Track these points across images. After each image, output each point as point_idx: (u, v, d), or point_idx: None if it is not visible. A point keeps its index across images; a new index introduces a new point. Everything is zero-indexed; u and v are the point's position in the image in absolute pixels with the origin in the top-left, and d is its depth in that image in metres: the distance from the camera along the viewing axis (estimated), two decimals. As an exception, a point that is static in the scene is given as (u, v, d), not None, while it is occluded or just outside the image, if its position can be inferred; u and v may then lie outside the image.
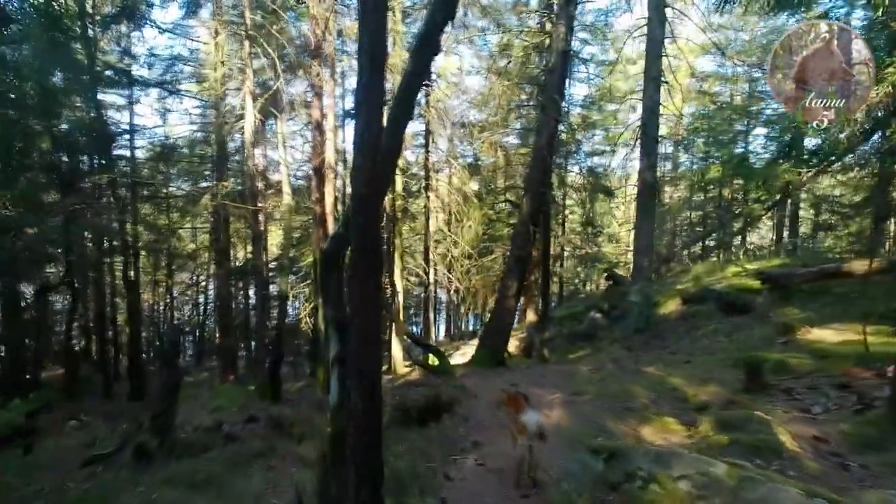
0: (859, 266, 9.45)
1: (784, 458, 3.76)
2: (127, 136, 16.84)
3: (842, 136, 14.16)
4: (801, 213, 21.67)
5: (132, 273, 16.92)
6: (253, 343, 19.50)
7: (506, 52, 15.54)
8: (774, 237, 17.53)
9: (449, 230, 21.28)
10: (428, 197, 18.69)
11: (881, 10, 9.99)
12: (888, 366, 5.27)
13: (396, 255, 15.41)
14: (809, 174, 13.70)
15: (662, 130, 20.01)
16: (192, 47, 18.06)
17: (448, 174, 22.96)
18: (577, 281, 33.34)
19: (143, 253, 20.73)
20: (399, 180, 15.67)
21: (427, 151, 18.95)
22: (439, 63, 20.86)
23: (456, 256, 20.09)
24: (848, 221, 17.74)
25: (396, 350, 15.44)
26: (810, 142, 18.62)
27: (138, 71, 17.01)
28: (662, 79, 11.39)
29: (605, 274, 19.95)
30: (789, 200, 17.33)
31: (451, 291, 19.73)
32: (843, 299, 9.68)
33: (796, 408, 5.22)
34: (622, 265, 28.17)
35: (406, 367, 15.95)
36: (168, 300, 25.20)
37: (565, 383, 9.16)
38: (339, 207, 15.68)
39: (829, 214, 21.61)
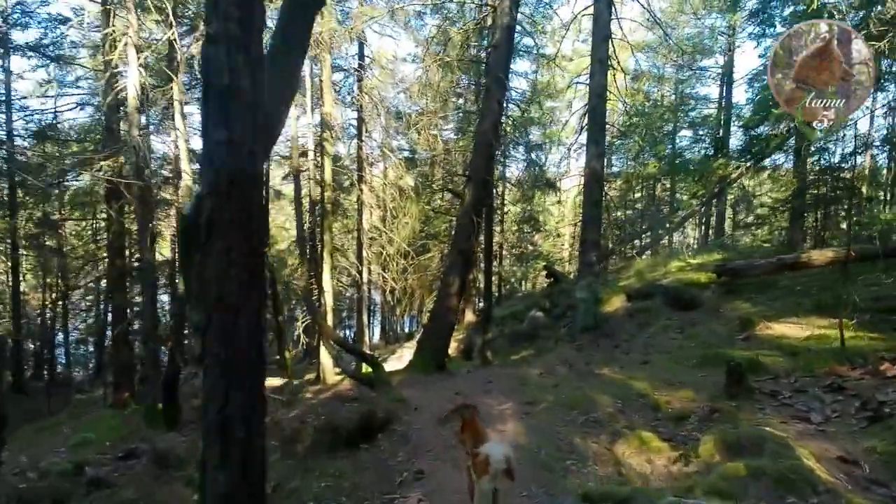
0: (818, 256, 9.29)
1: (821, 493, 2.97)
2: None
3: (764, 132, 14.51)
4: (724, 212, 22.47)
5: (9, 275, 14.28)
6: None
7: (444, 34, 14.51)
8: (702, 234, 17.82)
9: (384, 227, 20.04)
10: (361, 190, 17.31)
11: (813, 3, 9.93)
12: (880, 363, 4.73)
13: (326, 253, 13.95)
14: (742, 169, 13.78)
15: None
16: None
17: (383, 167, 21.69)
18: (513, 280, 33.00)
19: (25, 251, 17.85)
20: (328, 167, 14.21)
21: (360, 142, 17.57)
22: (374, 48, 19.57)
23: (391, 254, 18.84)
24: (769, 218, 18.33)
25: (325, 357, 13.98)
26: (735, 141, 19.28)
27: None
28: (609, 63, 10.80)
29: (545, 271, 19.47)
30: (719, 198, 17.58)
31: (387, 292, 18.45)
32: (790, 292, 9.49)
33: (791, 416, 4.56)
34: (559, 262, 28.15)
35: (337, 374, 14.52)
36: (61, 307, 22.07)
37: (515, 390, 8.25)
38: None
39: (746, 214, 22.65)
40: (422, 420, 6.81)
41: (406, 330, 33.43)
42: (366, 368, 9.30)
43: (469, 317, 23.38)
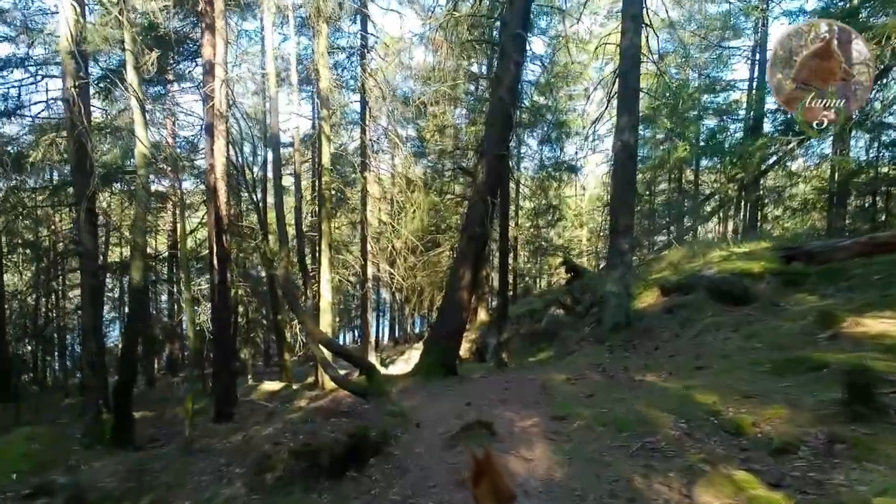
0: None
1: None
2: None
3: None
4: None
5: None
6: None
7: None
8: (744, 221, 16.25)
9: (392, 220, 18.73)
10: (365, 178, 15.99)
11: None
12: None
13: (324, 244, 12.66)
14: (791, 144, 12.22)
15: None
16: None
17: (390, 157, 20.40)
18: (527, 277, 31.49)
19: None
20: (326, 150, 12.90)
21: (364, 127, 16.25)
22: (378, 25, 18.26)
23: (398, 249, 17.53)
24: (814, 203, 16.74)
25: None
26: (768, 126, 17.64)
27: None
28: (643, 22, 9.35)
29: (564, 266, 17.98)
30: (757, 183, 15.97)
31: (394, 290, 17.13)
32: (867, 282, 7.94)
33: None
34: (576, 258, 26.60)
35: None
36: (55, 308, 21.03)
37: (540, 400, 6.86)
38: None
39: (776, 205, 20.94)
40: (425, 441, 5.43)
41: (416, 330, 32.13)
42: (360, 377, 7.97)
43: (482, 316, 21.96)
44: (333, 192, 21.71)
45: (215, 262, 9.12)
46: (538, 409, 6.26)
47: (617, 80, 9.57)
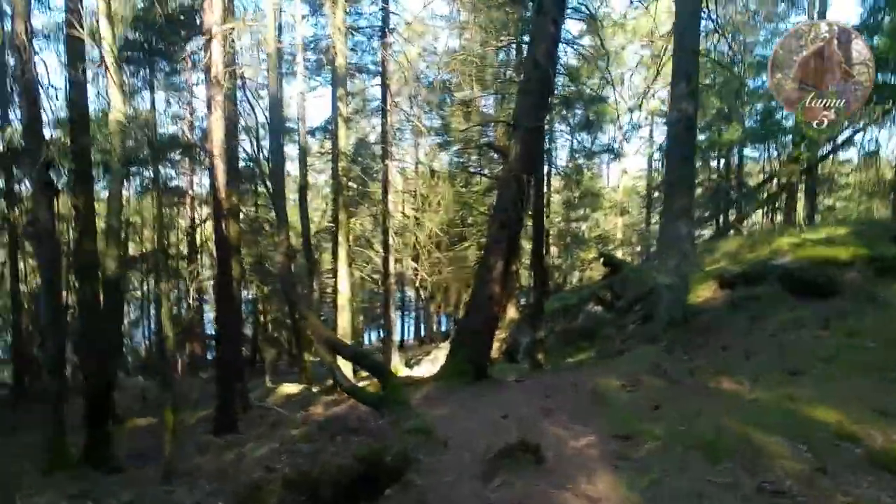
0: None
1: None
2: None
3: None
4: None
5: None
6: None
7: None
8: (808, 208, 14.64)
9: (416, 213, 17.72)
10: (386, 166, 15.00)
11: None
12: None
13: (341, 235, 11.70)
14: (877, 115, 10.69)
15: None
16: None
17: (413, 145, 19.38)
18: (556, 273, 30.02)
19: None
20: (343, 133, 11.92)
21: (385, 111, 15.27)
22: (400, 2, 17.20)
23: (423, 244, 16.49)
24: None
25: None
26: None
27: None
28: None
29: (601, 259, 16.63)
30: (819, 164, 14.33)
31: (418, 286, 16.11)
32: None
33: None
34: (612, 250, 25.08)
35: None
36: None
37: (591, 411, 5.70)
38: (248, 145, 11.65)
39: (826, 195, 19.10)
40: (455, 466, 4.33)
41: (442, 329, 31.07)
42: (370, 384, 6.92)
43: (511, 313, 20.70)
44: (353, 182, 20.89)
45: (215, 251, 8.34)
46: (593, 424, 5.09)
47: (672, 39, 8.28)
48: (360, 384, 11.90)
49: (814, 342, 6.17)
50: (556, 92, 11.75)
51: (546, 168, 16.61)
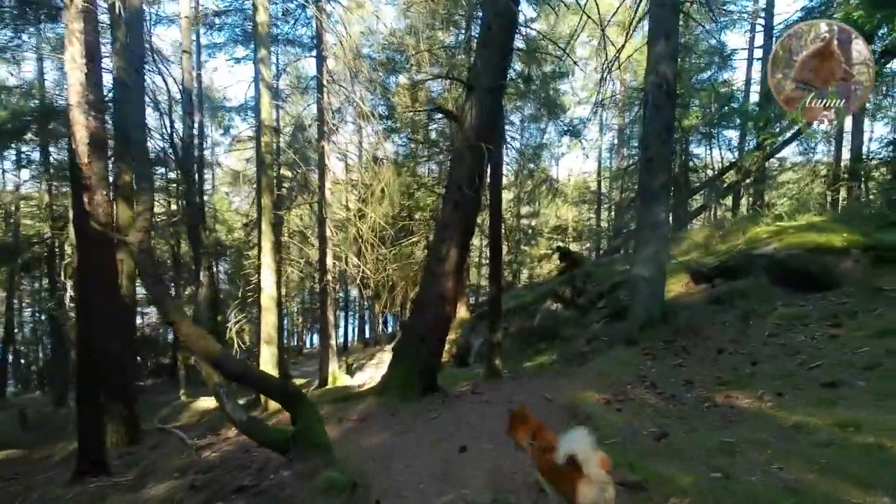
0: None
1: None
2: None
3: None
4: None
5: None
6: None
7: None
8: (751, 203, 14.18)
9: (359, 203, 16.00)
10: (322, 148, 13.24)
11: None
12: None
13: (264, 222, 9.88)
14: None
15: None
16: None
17: (356, 131, 17.66)
18: (506, 271, 29.04)
19: None
20: (265, 101, 10.08)
21: (321, 87, 13.48)
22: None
23: (365, 237, 14.80)
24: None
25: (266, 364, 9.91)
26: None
27: None
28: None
29: (558, 252, 15.60)
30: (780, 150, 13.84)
31: (359, 283, 14.42)
32: None
33: None
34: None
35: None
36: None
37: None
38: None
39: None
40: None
41: (388, 330, 29.38)
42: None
43: (462, 312, 19.44)
44: (287, 171, 18.86)
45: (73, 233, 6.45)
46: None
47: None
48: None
49: (827, 344, 5.12)
50: (512, 66, 10.42)
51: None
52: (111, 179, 8.09)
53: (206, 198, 23.70)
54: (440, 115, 16.57)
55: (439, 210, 7.32)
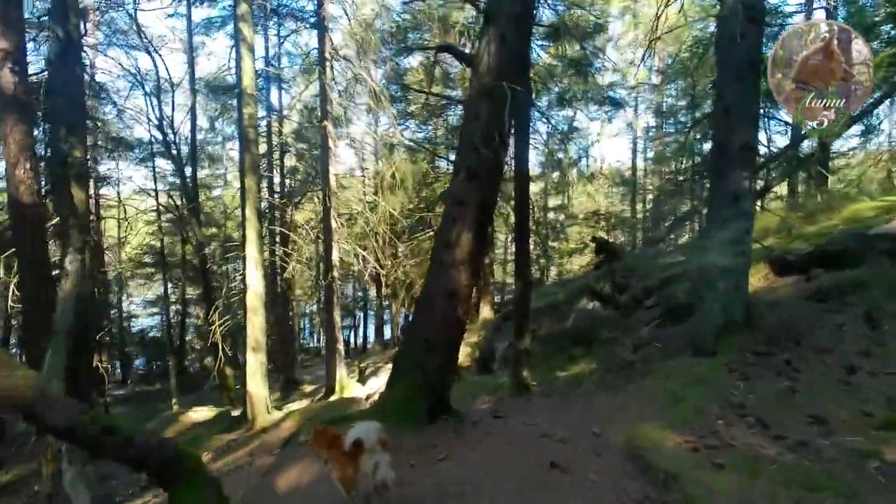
0: None
1: None
2: None
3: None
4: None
5: None
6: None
7: None
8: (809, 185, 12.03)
9: (374, 195, 14.54)
10: (324, 127, 11.76)
11: None
12: None
13: (249, 207, 8.41)
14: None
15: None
16: None
17: (367, 109, 16.12)
18: (533, 267, 27.04)
19: None
20: (247, 67, 8.59)
21: (323, 61, 12.00)
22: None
23: (377, 229, 13.27)
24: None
25: (254, 384, 8.44)
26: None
27: None
28: None
29: (594, 243, 13.77)
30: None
31: (366, 280, 12.91)
32: None
33: None
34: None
35: (275, 408, 8.96)
36: None
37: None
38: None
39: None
40: None
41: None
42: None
43: (485, 312, 17.76)
44: (299, 162, 17.51)
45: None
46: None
47: None
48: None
49: None
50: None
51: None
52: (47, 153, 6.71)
53: (218, 192, 22.67)
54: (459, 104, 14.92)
55: (453, 168, 5.68)
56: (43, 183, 6.22)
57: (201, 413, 11.01)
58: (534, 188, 22.16)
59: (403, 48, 13.68)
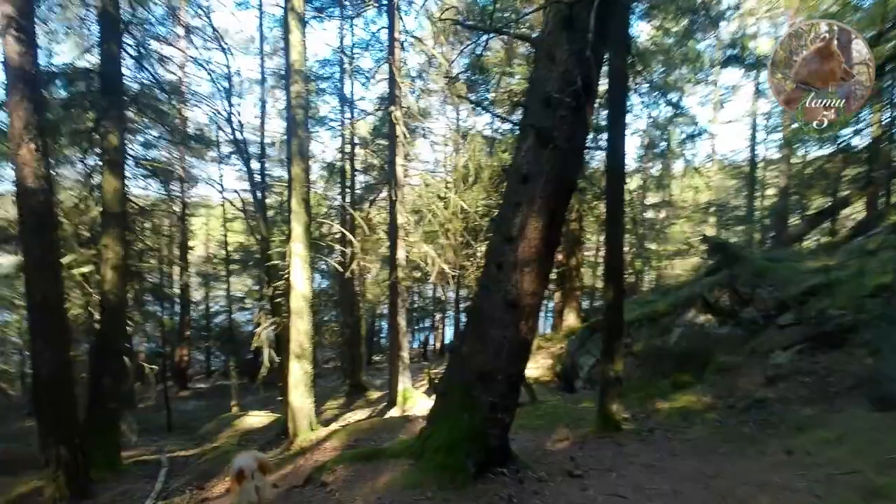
0: None
1: None
2: None
3: None
4: None
5: None
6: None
7: None
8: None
9: (448, 190, 13.37)
10: (391, 112, 10.74)
11: None
12: None
13: (295, 200, 7.49)
14: None
15: None
16: None
17: (444, 95, 15.05)
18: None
19: None
20: (296, 41, 7.67)
21: (392, 47, 11.00)
22: None
23: (449, 225, 12.07)
24: None
25: (295, 396, 7.54)
26: None
27: None
28: None
29: (705, 243, 11.46)
30: None
31: (433, 279, 11.71)
32: None
33: None
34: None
35: (313, 431, 7.96)
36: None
37: None
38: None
39: None
40: None
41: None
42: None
43: (570, 320, 15.91)
44: (374, 158, 16.75)
45: None
46: None
47: None
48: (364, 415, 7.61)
49: None
50: None
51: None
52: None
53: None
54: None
55: (516, 140, 4.20)
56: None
57: (258, 418, 10.44)
58: (629, 185, 19.85)
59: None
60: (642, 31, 14.99)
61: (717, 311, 8.82)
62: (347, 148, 14.76)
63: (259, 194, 11.85)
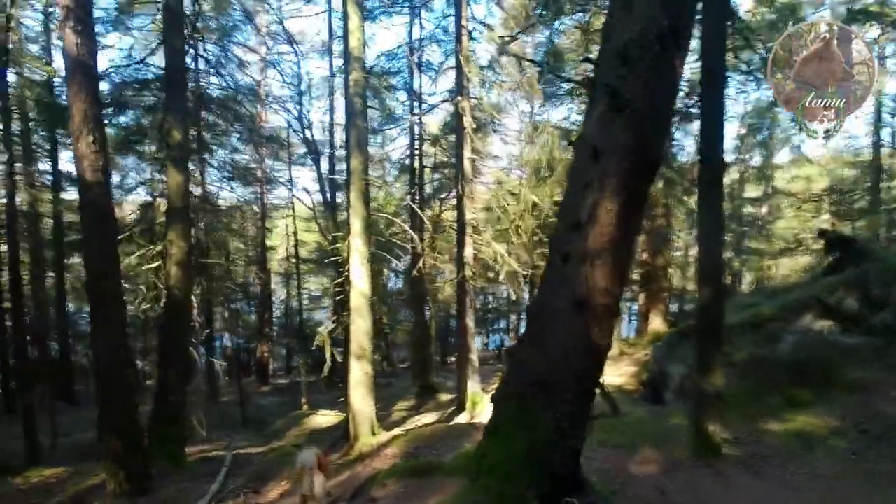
0: None
1: None
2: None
3: None
4: None
5: None
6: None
7: None
8: None
9: (520, 185, 12.68)
10: (457, 103, 10.28)
11: None
12: None
13: (354, 192, 7.21)
14: None
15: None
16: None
17: (514, 85, 14.32)
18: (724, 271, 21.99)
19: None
20: (354, 22, 7.38)
21: (459, 35, 10.55)
22: None
23: (519, 222, 11.38)
24: None
25: (358, 398, 7.25)
26: None
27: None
28: None
29: (823, 237, 9.82)
30: None
31: (502, 278, 11.08)
32: None
33: None
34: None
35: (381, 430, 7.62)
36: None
37: None
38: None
39: None
40: None
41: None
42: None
43: (656, 323, 14.56)
44: (442, 152, 16.40)
45: None
46: None
47: None
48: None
49: None
50: None
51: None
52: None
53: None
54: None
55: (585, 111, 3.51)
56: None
57: (326, 418, 10.37)
58: (726, 180, 18.00)
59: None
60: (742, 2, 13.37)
61: (839, 317, 7.42)
62: (416, 144, 14.49)
63: (328, 193, 11.86)
